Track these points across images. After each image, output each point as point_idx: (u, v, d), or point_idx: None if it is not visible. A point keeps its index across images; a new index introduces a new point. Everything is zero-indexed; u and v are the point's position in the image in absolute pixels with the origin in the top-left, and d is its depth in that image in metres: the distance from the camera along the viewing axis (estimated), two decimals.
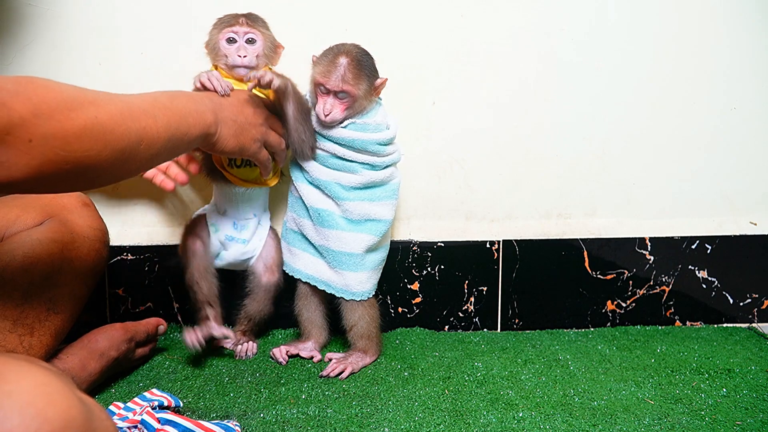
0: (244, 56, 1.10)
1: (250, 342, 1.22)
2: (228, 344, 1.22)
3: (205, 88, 1.05)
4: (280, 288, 1.23)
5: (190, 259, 1.17)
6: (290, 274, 1.21)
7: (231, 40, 1.11)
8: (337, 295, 1.17)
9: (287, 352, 1.19)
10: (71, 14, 1.25)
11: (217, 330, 1.15)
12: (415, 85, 1.32)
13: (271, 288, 1.22)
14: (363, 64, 1.10)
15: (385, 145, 1.15)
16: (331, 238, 1.15)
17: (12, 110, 0.65)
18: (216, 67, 1.14)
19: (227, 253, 1.21)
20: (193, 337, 1.12)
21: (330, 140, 1.13)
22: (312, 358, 1.19)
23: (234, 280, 1.24)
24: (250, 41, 1.12)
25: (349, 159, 1.14)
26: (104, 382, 1.09)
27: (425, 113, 1.33)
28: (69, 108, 0.70)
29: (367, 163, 1.14)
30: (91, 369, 1.04)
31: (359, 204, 1.15)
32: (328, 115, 1.10)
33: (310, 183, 1.17)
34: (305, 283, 1.20)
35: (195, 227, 1.19)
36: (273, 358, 1.19)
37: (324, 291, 1.18)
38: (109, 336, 1.08)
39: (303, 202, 1.17)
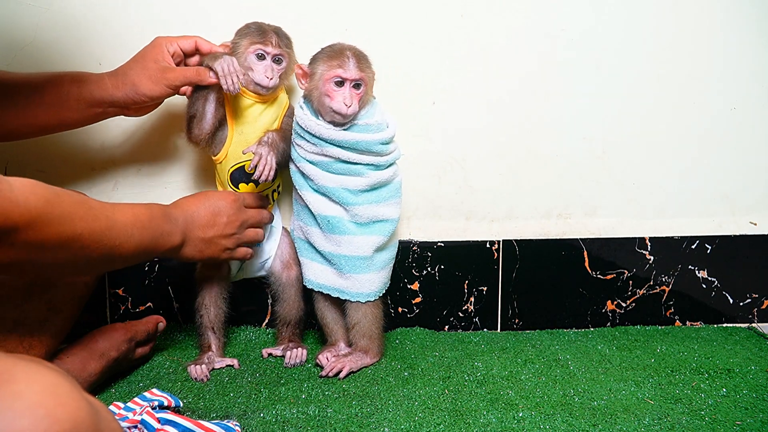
0: (270, 78, 1.11)
1: (299, 348, 1.19)
2: (277, 352, 1.21)
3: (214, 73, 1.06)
4: (302, 282, 1.22)
5: (204, 285, 1.18)
6: (303, 282, 1.21)
7: (261, 57, 1.11)
8: (353, 300, 1.15)
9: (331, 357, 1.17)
10: (71, 14, 1.25)
11: (219, 362, 1.16)
12: (415, 85, 1.32)
13: (293, 283, 1.22)
14: (365, 55, 1.13)
15: (387, 144, 1.15)
16: (343, 243, 1.14)
17: (8, 219, 0.66)
18: None
19: (245, 262, 1.21)
20: (198, 372, 1.12)
21: (333, 144, 1.11)
22: None
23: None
24: (278, 61, 1.13)
25: (354, 162, 1.12)
26: (104, 382, 1.09)
27: (425, 113, 1.33)
28: (60, 222, 0.72)
29: (372, 164, 1.13)
30: (91, 369, 1.04)
31: (368, 207, 1.14)
32: (350, 106, 1.09)
33: (315, 191, 1.15)
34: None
35: None
36: (319, 364, 1.16)
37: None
38: (109, 336, 1.08)
39: (309, 210, 1.16)
